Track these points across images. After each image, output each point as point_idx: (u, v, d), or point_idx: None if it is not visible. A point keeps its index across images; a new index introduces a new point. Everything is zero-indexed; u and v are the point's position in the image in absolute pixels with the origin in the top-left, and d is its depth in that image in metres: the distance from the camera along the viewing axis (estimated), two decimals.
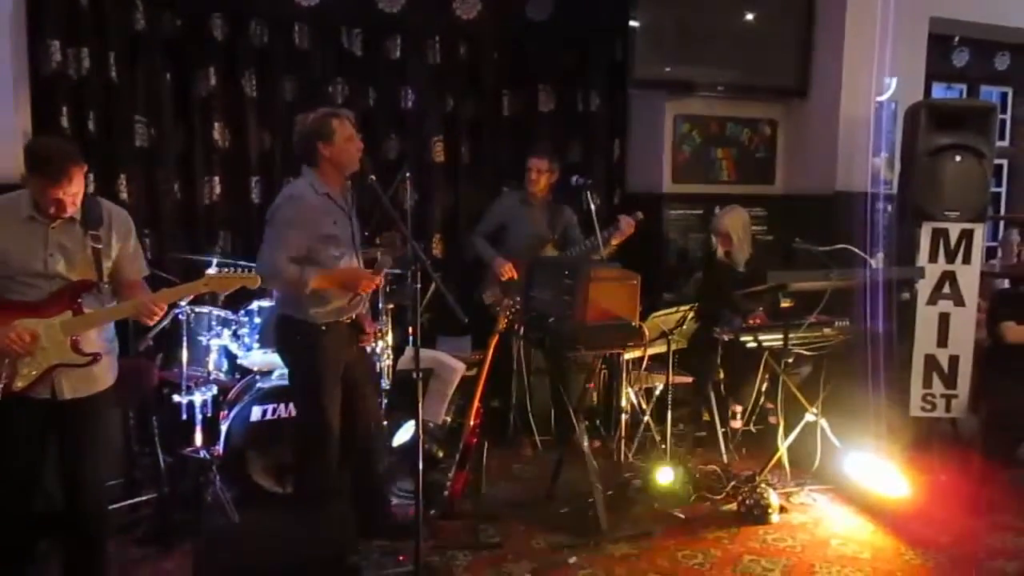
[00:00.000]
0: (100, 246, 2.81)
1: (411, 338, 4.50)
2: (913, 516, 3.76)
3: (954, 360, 4.35)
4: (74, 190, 2.71)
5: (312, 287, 3.17)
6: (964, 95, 6.19)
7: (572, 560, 3.41)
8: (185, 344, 3.83)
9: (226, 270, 2.99)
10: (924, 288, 4.33)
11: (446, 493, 3.75)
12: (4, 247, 2.72)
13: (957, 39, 5.94)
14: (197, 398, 3.91)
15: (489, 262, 4.67)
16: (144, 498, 3.75)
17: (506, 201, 4.84)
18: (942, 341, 4.34)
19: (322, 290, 3.22)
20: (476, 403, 3.86)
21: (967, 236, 4.32)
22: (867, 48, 4.89)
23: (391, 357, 4.31)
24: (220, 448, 3.81)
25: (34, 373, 2.74)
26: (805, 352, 4.08)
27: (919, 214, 4.35)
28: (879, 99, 4.94)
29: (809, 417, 4.05)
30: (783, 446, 4.03)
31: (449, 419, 4.41)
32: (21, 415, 2.78)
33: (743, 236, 4.66)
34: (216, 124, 4.71)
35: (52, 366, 2.76)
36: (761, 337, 4.08)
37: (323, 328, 3.25)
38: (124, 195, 4.48)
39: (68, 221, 2.78)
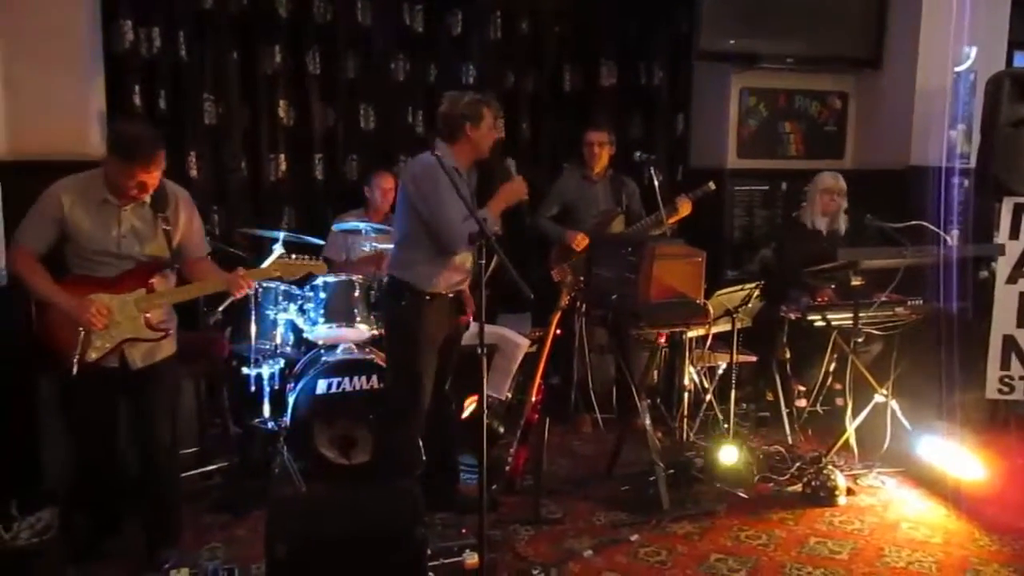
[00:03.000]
0: (169, 228, 2.92)
1: (473, 314, 4.56)
2: (988, 500, 3.64)
3: None
4: (158, 174, 2.82)
5: (496, 215, 3.30)
6: None
7: (634, 538, 3.40)
8: (253, 318, 3.91)
9: (297, 257, 3.15)
10: (1003, 266, 4.15)
11: (507, 468, 3.78)
12: (79, 225, 2.83)
13: None
14: (265, 371, 3.99)
15: (560, 238, 4.60)
16: (215, 467, 3.87)
17: (567, 180, 4.77)
18: (1022, 321, 4.17)
19: (438, 259, 3.31)
20: (537, 380, 3.87)
21: None
22: (945, 16, 4.69)
23: None
24: (287, 420, 3.89)
25: (107, 346, 2.86)
26: (876, 332, 3.97)
27: (999, 188, 4.15)
28: (957, 69, 4.75)
29: (879, 398, 3.95)
30: (851, 427, 3.94)
31: (510, 395, 4.43)
32: (95, 384, 2.92)
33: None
34: (281, 102, 4.77)
35: (123, 340, 2.87)
36: (830, 316, 3.98)
37: (428, 297, 3.33)
38: (193, 172, 4.59)
39: (140, 204, 2.88)
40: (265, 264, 3.56)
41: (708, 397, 4.35)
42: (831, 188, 4.54)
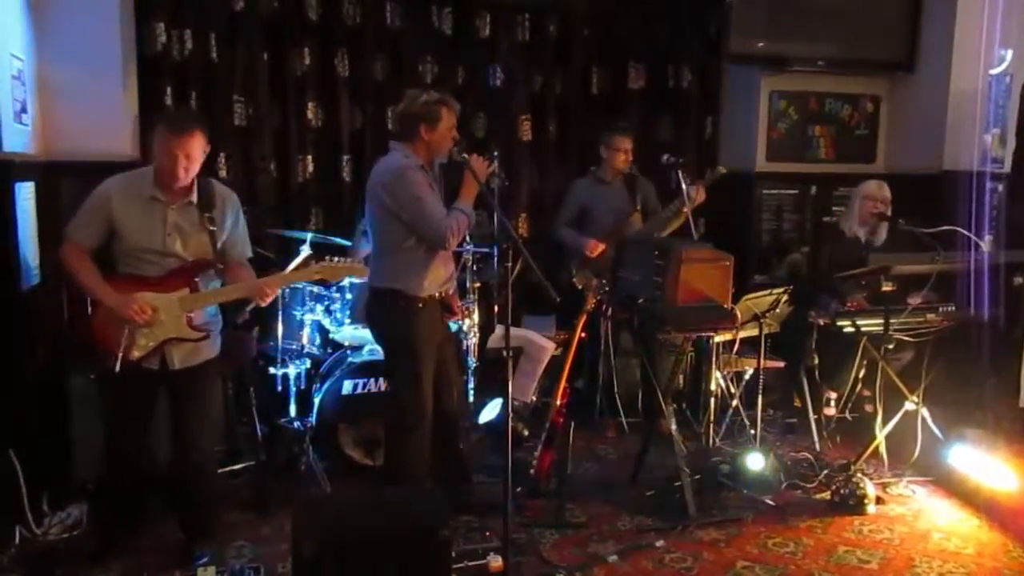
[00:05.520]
0: (214, 228, 2.95)
1: (497, 316, 4.56)
2: (1021, 511, 3.56)
3: None
4: (192, 154, 2.85)
5: (469, 207, 3.25)
6: None
7: (659, 544, 3.37)
8: (280, 318, 3.94)
9: (337, 260, 3.13)
10: None
11: (532, 472, 3.77)
12: (126, 223, 2.89)
13: None
14: (291, 371, 4.03)
15: (576, 245, 4.60)
16: (241, 466, 3.90)
17: (582, 184, 4.77)
18: None
19: (422, 263, 3.27)
20: (563, 383, 3.86)
21: None
22: (979, 18, 4.61)
23: (477, 336, 4.35)
24: (313, 420, 3.92)
25: (151, 345, 2.90)
26: (907, 338, 3.91)
27: None
28: (992, 72, 4.67)
29: (909, 405, 3.89)
30: (881, 434, 3.89)
31: (535, 398, 4.42)
32: (135, 384, 2.96)
33: None
34: (309, 103, 4.80)
35: (167, 339, 2.91)
36: (860, 322, 3.93)
37: (420, 304, 3.29)
38: (223, 172, 4.63)
39: (186, 204, 2.93)
40: (291, 267, 3.57)
41: (735, 402, 4.31)
42: (873, 195, 4.41)
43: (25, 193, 3.51)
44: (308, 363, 4.16)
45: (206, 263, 2.97)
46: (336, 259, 3.16)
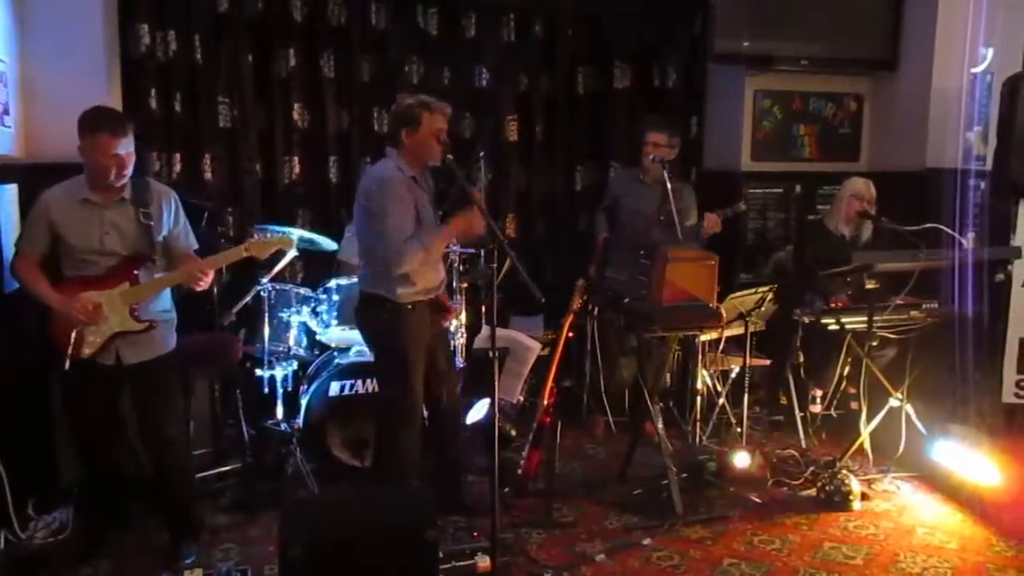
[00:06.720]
0: (151, 222, 3.02)
1: (484, 317, 4.56)
2: (1005, 506, 3.59)
3: None
4: (130, 150, 2.92)
5: (438, 248, 3.24)
6: None
7: (646, 542, 3.39)
8: (267, 320, 3.93)
9: (267, 234, 3.18)
10: (1020, 269, 4.11)
11: (519, 471, 3.78)
12: (65, 227, 2.97)
13: None
14: (278, 372, 4.02)
15: (599, 231, 4.61)
16: (228, 468, 3.88)
17: (620, 177, 4.75)
18: None
19: (414, 271, 3.26)
20: (550, 382, 3.87)
21: None
22: (961, 17, 4.64)
23: (465, 336, 4.35)
24: (300, 422, 3.91)
25: (98, 341, 2.97)
26: (891, 335, 3.94)
27: (1016, 191, 4.12)
28: (974, 71, 4.70)
29: (893, 402, 3.93)
30: (865, 431, 3.92)
31: (522, 398, 4.43)
32: (93, 381, 3.02)
33: None
34: (295, 104, 4.79)
35: (114, 334, 2.98)
36: (844, 319, 3.96)
37: (409, 307, 3.30)
38: (208, 174, 4.62)
39: (119, 201, 3.00)
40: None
41: (721, 401, 4.34)
42: (860, 193, 4.41)
43: (8, 195, 3.49)
44: (295, 365, 4.15)
45: (143, 257, 3.03)
46: (268, 234, 3.21)
